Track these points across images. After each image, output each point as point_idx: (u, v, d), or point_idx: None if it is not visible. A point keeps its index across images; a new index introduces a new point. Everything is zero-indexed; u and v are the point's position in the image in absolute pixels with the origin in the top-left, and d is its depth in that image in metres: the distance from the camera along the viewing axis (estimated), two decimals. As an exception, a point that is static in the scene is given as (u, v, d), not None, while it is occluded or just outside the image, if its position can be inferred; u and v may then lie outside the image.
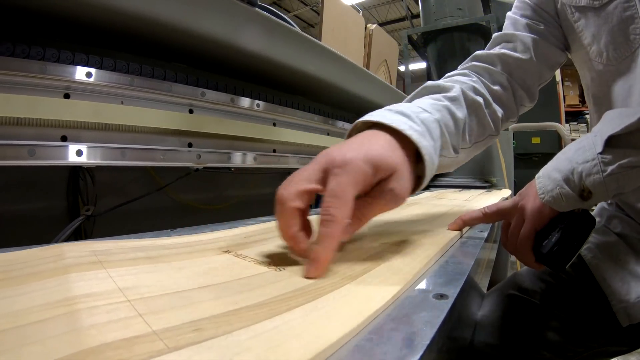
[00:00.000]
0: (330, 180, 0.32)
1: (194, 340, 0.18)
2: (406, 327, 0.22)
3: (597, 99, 0.60)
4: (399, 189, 0.35)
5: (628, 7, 0.50)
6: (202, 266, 0.32)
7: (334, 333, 0.20)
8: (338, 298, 0.26)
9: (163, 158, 0.61)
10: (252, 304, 0.23)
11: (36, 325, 0.20)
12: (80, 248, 0.36)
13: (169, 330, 0.19)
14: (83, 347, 0.17)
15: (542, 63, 0.64)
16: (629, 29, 0.51)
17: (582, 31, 0.58)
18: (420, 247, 0.41)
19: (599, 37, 0.55)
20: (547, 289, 0.63)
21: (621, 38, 0.52)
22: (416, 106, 0.46)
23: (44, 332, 0.19)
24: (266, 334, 0.19)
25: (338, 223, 0.31)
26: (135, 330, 0.19)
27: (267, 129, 0.80)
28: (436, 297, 0.27)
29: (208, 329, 0.19)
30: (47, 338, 0.18)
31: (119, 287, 0.25)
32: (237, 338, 0.19)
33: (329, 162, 0.33)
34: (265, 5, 0.95)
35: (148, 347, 0.17)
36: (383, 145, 0.36)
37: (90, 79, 0.53)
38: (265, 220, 0.68)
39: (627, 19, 0.51)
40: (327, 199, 0.32)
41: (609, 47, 0.54)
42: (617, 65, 0.54)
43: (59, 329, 0.19)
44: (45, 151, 0.50)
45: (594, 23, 0.55)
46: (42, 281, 0.27)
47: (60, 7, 0.54)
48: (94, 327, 0.19)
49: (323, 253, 0.30)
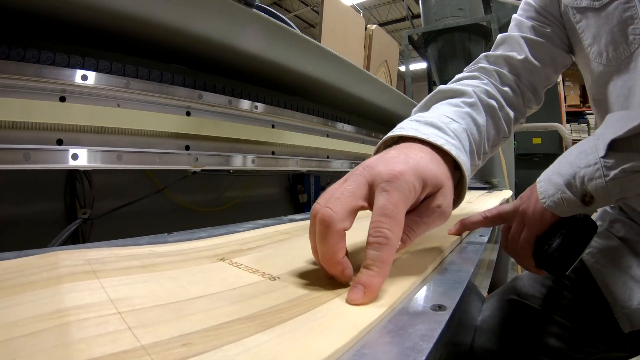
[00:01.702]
0: (380, 196, 0.29)
1: (183, 355, 0.18)
2: (402, 341, 0.22)
3: (598, 101, 0.59)
4: (446, 206, 0.34)
5: (628, 7, 0.50)
6: (197, 275, 0.32)
7: (326, 348, 0.19)
8: (332, 309, 0.25)
9: (160, 161, 0.60)
10: (244, 316, 0.23)
11: (27, 338, 0.19)
12: (75, 256, 0.36)
13: (157, 345, 0.19)
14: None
15: (547, 65, 0.63)
16: (628, 30, 0.51)
17: (583, 32, 0.57)
18: (419, 254, 0.40)
19: (599, 38, 0.55)
20: (547, 294, 0.63)
21: (621, 38, 0.52)
22: (443, 115, 0.45)
23: (34, 345, 0.19)
24: (256, 348, 0.19)
25: (392, 246, 0.28)
26: (124, 344, 0.19)
27: (265, 131, 0.80)
28: (434, 309, 0.26)
29: (197, 344, 0.19)
30: (37, 352, 0.18)
31: (110, 298, 0.25)
32: (227, 353, 0.18)
33: (375, 175, 0.30)
34: (263, 5, 0.95)
35: None
36: (431, 160, 0.34)
37: (86, 81, 0.53)
38: (263, 224, 0.67)
39: (626, 19, 0.51)
40: (378, 218, 0.28)
41: (609, 47, 0.54)
42: (617, 65, 0.53)
43: (49, 343, 0.19)
44: (41, 155, 0.49)
45: (594, 24, 0.55)
46: (35, 291, 0.26)
47: (56, 9, 0.54)
48: (84, 341, 0.19)
49: (376, 280, 0.27)
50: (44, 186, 0.68)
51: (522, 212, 0.49)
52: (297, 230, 0.58)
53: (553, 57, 0.64)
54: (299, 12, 9.34)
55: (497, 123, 0.57)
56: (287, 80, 0.98)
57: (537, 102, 0.67)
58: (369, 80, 1.08)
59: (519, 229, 0.49)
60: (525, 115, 0.67)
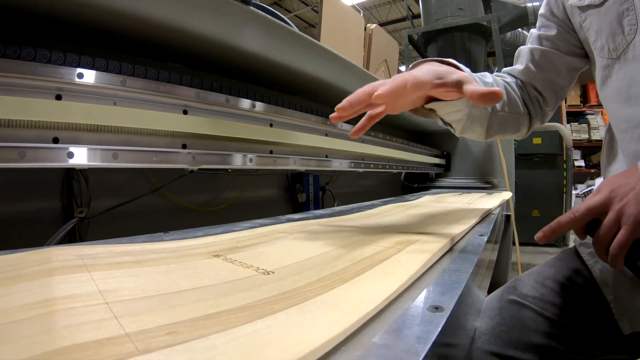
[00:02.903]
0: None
1: (167, 343, 0.18)
2: (397, 343, 0.21)
3: (606, 99, 0.60)
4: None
5: (624, 1, 0.53)
6: (188, 270, 0.31)
7: (318, 338, 0.19)
8: (327, 301, 0.25)
9: (156, 160, 0.60)
10: (234, 307, 0.23)
11: (11, 326, 0.19)
12: (68, 252, 0.35)
13: (142, 333, 0.19)
14: (53, 347, 0.17)
15: (548, 70, 0.70)
16: (624, 21, 0.53)
17: (588, 30, 0.60)
18: (417, 250, 0.40)
19: (600, 33, 0.57)
20: (547, 295, 0.62)
21: (618, 30, 0.54)
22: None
23: (17, 332, 0.19)
24: (244, 338, 0.19)
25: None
26: (108, 332, 0.19)
27: (263, 130, 0.80)
28: (431, 310, 0.26)
29: (183, 332, 0.19)
30: (19, 338, 0.18)
31: (99, 289, 0.25)
32: (213, 342, 0.18)
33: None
34: (261, 4, 0.95)
35: (117, 349, 0.17)
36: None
37: (82, 79, 0.53)
38: (260, 223, 0.67)
39: (623, 12, 0.53)
40: None
41: (609, 40, 0.56)
42: (617, 57, 0.55)
43: (33, 330, 0.19)
44: (37, 153, 0.49)
45: (596, 20, 0.58)
46: (26, 283, 0.26)
47: (53, 7, 0.54)
48: (67, 328, 0.19)
49: None
50: (40, 185, 0.68)
51: (619, 210, 0.43)
52: (294, 229, 0.58)
53: (554, 62, 0.69)
54: (299, 12, 9.35)
55: (511, 96, 0.67)
56: (286, 78, 0.97)
57: (547, 103, 0.73)
58: (368, 79, 1.08)
59: (612, 228, 0.43)
60: (535, 109, 0.73)
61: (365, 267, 0.33)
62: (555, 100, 0.73)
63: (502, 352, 0.60)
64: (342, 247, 0.42)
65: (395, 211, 0.85)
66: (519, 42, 3.63)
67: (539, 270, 0.67)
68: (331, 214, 0.85)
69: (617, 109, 0.57)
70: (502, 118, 0.66)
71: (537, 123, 0.75)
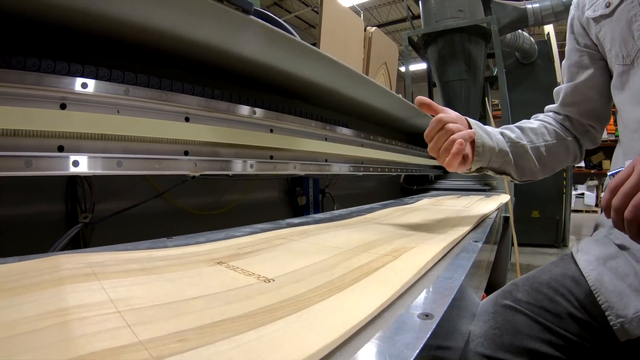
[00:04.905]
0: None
1: (178, 350, 0.19)
2: (387, 349, 0.22)
3: (621, 100, 0.62)
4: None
5: (632, 7, 0.56)
6: (194, 277, 0.33)
7: (315, 344, 0.20)
8: (324, 308, 0.26)
9: (159, 167, 0.61)
10: (238, 315, 0.24)
11: (29, 335, 0.21)
12: (76, 260, 0.37)
13: (154, 341, 0.20)
14: (72, 355, 0.18)
15: (579, 104, 0.76)
16: (633, 27, 0.56)
17: (604, 40, 0.63)
18: (412, 258, 0.42)
19: (614, 41, 0.60)
20: (542, 301, 0.62)
21: (629, 36, 0.57)
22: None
23: (36, 341, 0.20)
24: (248, 344, 0.20)
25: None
26: (123, 340, 0.20)
27: (264, 136, 0.81)
28: (421, 317, 0.27)
29: (192, 340, 0.20)
30: (39, 347, 0.19)
31: (110, 298, 0.26)
32: (219, 348, 0.19)
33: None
34: (262, 10, 0.96)
35: (133, 356, 0.18)
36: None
37: (86, 89, 0.54)
38: (261, 228, 0.68)
39: (631, 18, 0.56)
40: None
41: (622, 47, 0.59)
42: (630, 63, 0.58)
43: (51, 338, 0.20)
44: (42, 162, 0.50)
45: (610, 29, 0.61)
46: (37, 292, 0.27)
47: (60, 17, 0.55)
48: (84, 337, 0.20)
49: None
50: (44, 190, 0.69)
51: None
52: (293, 235, 0.59)
53: (585, 93, 0.74)
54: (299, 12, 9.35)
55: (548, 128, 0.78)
56: (286, 84, 0.99)
57: (592, 128, 0.79)
58: (367, 84, 1.09)
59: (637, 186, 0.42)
60: (580, 133, 0.80)
61: (362, 274, 0.34)
62: (600, 123, 0.78)
63: (495, 355, 0.60)
64: (340, 254, 0.43)
65: (394, 215, 0.86)
66: (518, 44, 3.64)
67: (535, 275, 0.67)
68: (331, 218, 0.87)
69: (630, 111, 0.60)
70: (547, 147, 0.77)
71: (588, 146, 0.82)
